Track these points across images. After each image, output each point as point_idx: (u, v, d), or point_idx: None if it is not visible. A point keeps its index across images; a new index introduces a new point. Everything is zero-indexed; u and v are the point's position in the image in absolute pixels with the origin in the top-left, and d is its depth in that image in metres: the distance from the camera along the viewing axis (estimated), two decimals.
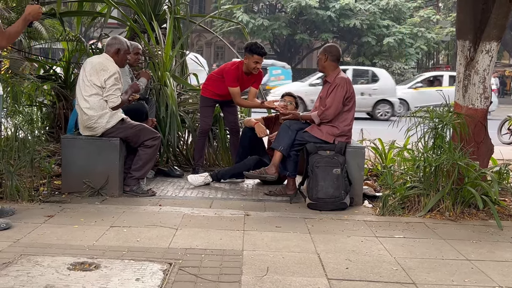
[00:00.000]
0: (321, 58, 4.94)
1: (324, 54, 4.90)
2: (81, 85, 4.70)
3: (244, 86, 5.72)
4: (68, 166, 4.79)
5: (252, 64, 5.47)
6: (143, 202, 4.64)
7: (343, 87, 4.76)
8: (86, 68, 4.72)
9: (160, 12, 6.92)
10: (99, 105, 4.66)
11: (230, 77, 5.54)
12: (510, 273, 3.19)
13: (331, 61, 4.88)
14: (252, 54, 5.44)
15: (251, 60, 5.46)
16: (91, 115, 4.65)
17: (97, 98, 4.65)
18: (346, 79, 4.83)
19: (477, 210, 4.47)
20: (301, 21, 29.46)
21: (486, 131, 4.99)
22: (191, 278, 2.91)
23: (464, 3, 4.95)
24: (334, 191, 4.57)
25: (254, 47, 5.45)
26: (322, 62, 4.91)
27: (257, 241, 3.61)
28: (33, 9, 3.87)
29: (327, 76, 4.92)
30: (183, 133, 6.47)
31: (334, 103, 4.74)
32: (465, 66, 4.93)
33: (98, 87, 4.64)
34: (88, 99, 4.64)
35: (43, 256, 3.14)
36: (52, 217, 4.02)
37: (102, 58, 4.78)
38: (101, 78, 4.63)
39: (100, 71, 4.65)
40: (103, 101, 4.67)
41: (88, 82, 4.64)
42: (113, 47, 4.82)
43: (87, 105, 4.64)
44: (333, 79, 4.83)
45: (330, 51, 4.92)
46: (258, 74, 5.69)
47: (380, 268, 3.19)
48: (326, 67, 4.91)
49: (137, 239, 3.55)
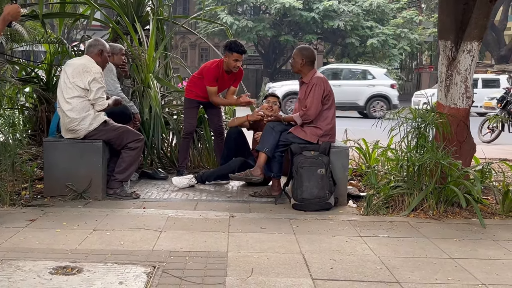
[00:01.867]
0: (297, 62, 4.91)
1: (301, 59, 4.88)
2: (63, 87, 4.65)
3: (225, 85, 5.74)
4: (50, 169, 4.73)
5: (232, 62, 5.47)
6: (126, 205, 4.60)
7: (321, 86, 4.77)
8: (67, 70, 4.67)
9: (143, 13, 6.87)
10: (81, 107, 4.61)
11: (210, 76, 5.55)
12: (492, 271, 3.22)
13: (307, 64, 4.90)
14: (231, 52, 5.44)
15: (231, 58, 5.46)
16: (73, 117, 4.60)
17: (79, 100, 4.60)
18: (322, 78, 4.86)
19: (460, 208, 4.50)
20: (285, 22, 29.48)
21: (468, 130, 5.04)
22: (175, 281, 2.89)
23: (446, 4, 4.99)
24: (318, 192, 4.58)
25: (233, 45, 5.45)
26: (299, 66, 4.91)
27: (242, 243, 3.60)
28: (12, 9, 3.82)
29: (304, 77, 4.93)
30: (167, 135, 6.43)
31: (314, 102, 4.76)
32: (447, 66, 4.97)
33: (81, 89, 4.60)
34: (71, 101, 4.60)
35: (25, 260, 3.09)
36: (34, 221, 3.97)
37: (84, 60, 4.74)
38: (84, 80, 4.58)
39: (84, 72, 4.60)
40: (86, 103, 4.62)
41: (71, 84, 4.59)
42: (96, 48, 4.78)
43: (69, 107, 4.60)
44: (309, 80, 4.84)
45: (307, 55, 4.90)
46: (239, 72, 5.71)
47: (364, 268, 3.19)
48: (302, 70, 4.92)
49: (121, 242, 3.52)
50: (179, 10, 32.47)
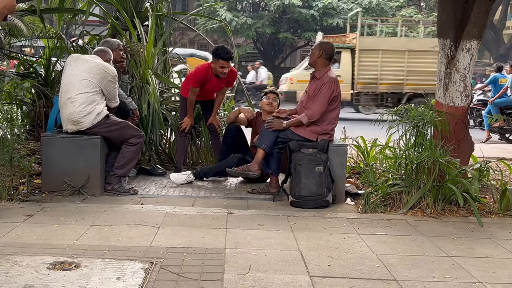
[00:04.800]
0: (314, 53, 4.89)
1: (319, 50, 4.88)
2: (75, 79, 4.65)
3: (218, 87, 5.70)
4: (48, 164, 4.73)
5: (218, 69, 5.38)
6: (124, 200, 4.60)
7: (331, 86, 4.76)
8: (81, 65, 4.70)
9: (142, 9, 6.85)
10: (91, 101, 4.66)
11: (195, 77, 5.50)
12: (489, 269, 3.23)
13: (324, 58, 4.87)
14: (217, 59, 5.34)
15: (217, 65, 5.37)
16: (81, 109, 4.61)
17: (89, 94, 4.65)
18: (334, 78, 4.83)
19: (458, 207, 4.51)
20: (284, 19, 29.47)
21: (466, 129, 5.04)
22: (172, 277, 2.89)
23: (445, 2, 4.99)
24: (316, 189, 4.58)
25: (219, 52, 5.33)
26: (315, 57, 4.88)
27: (240, 239, 3.60)
28: (8, 2, 3.80)
29: (316, 72, 4.91)
30: (166, 132, 6.43)
31: (320, 102, 4.74)
32: (446, 65, 4.97)
33: (95, 85, 4.66)
34: (82, 95, 4.61)
35: (22, 255, 3.09)
36: (32, 216, 3.96)
37: (99, 60, 4.81)
38: (102, 80, 4.69)
39: (103, 73, 4.71)
40: (94, 98, 4.67)
41: (85, 79, 4.64)
42: (106, 56, 4.94)
43: (79, 100, 4.60)
44: (321, 76, 4.83)
45: (326, 48, 4.90)
46: (232, 74, 5.64)
47: (362, 265, 3.20)
48: (317, 63, 4.89)
49: (118, 238, 3.52)
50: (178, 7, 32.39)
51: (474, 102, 12.19)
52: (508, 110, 11.23)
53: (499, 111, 11.24)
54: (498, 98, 11.24)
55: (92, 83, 4.66)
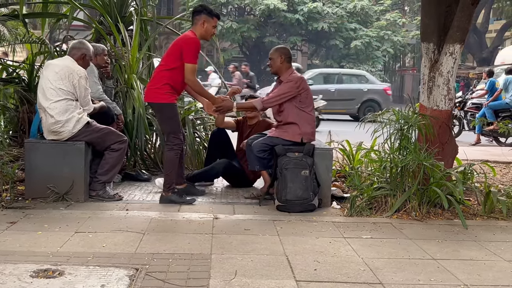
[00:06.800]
0: (276, 60, 4.88)
1: (280, 56, 4.88)
2: (45, 89, 4.58)
3: None
4: (32, 171, 4.67)
5: (211, 29, 4.71)
6: (109, 206, 4.56)
7: (295, 83, 4.78)
8: (49, 73, 4.60)
9: (127, 14, 6.82)
10: (65, 110, 4.57)
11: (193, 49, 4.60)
12: (474, 272, 3.25)
13: (286, 62, 4.90)
14: (212, 16, 4.69)
15: (211, 24, 4.68)
16: (57, 119, 4.55)
17: (62, 102, 4.56)
18: (300, 77, 4.87)
19: (443, 209, 4.54)
20: (269, 24, 29.54)
21: (450, 132, 5.09)
22: (158, 283, 2.86)
23: (428, 7, 5.03)
24: (302, 193, 4.58)
25: (211, 9, 4.76)
26: (278, 63, 4.88)
27: (226, 245, 3.58)
28: None
29: (281, 76, 4.92)
30: (151, 136, 6.39)
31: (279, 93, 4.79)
32: (430, 68, 5.01)
33: (65, 92, 4.56)
34: (54, 104, 4.54)
35: (5, 263, 3.04)
36: (15, 224, 3.91)
37: (67, 61, 4.69)
38: (68, 84, 4.57)
39: (68, 76, 4.58)
40: (69, 106, 4.58)
41: (53, 88, 4.54)
42: (79, 52, 4.76)
43: (53, 110, 4.54)
44: (286, 78, 4.85)
45: (284, 52, 4.93)
46: None
47: (348, 269, 3.20)
48: (282, 68, 4.90)
49: (103, 245, 3.48)
50: (163, 11, 32.27)
51: (468, 105, 12.17)
52: (503, 113, 11.20)
53: (494, 114, 11.21)
54: (493, 101, 11.25)
55: (62, 90, 4.56)
